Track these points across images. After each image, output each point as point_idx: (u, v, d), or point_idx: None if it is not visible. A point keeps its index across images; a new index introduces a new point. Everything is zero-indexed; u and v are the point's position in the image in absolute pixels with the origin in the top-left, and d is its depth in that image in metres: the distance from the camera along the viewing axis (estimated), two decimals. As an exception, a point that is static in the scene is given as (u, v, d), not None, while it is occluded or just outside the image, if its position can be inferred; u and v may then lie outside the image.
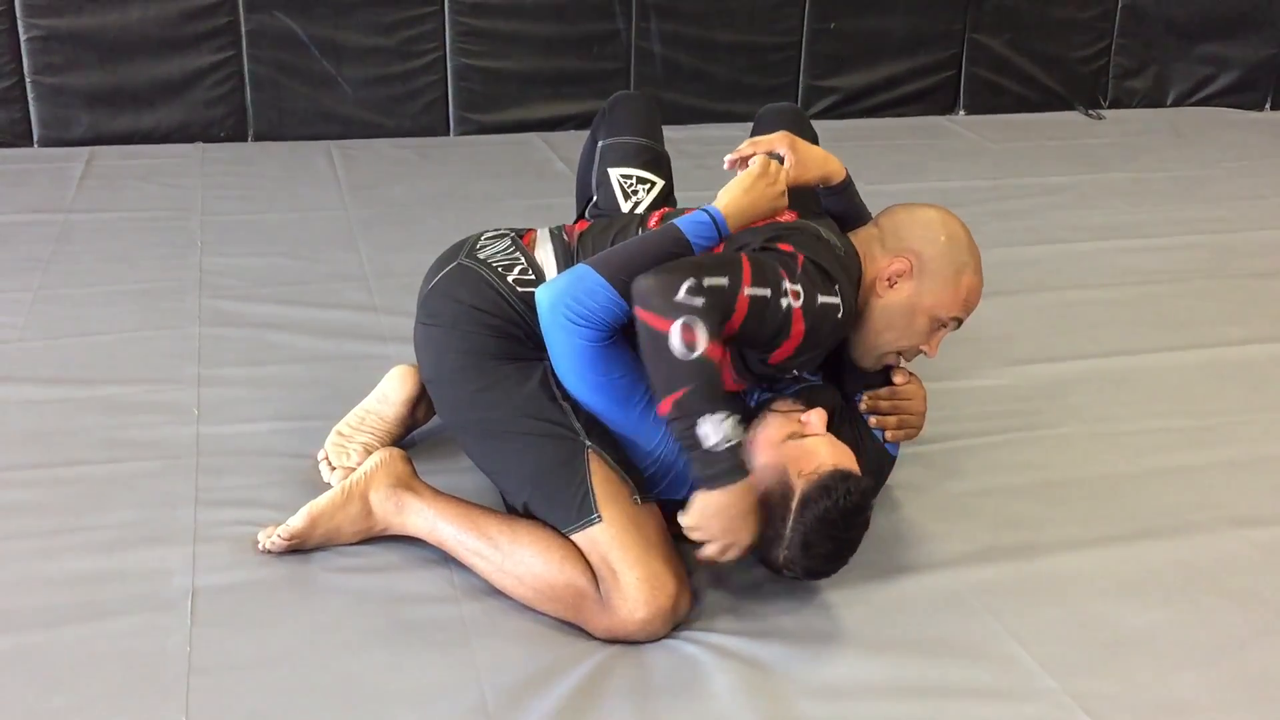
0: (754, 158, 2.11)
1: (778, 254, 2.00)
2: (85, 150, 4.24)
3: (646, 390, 2.01)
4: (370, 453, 2.23)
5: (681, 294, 1.83)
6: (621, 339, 1.98)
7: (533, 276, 2.10)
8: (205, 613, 1.91)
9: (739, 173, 2.10)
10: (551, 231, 2.23)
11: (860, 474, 1.91)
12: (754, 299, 1.89)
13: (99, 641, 1.84)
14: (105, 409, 2.51)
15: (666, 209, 2.29)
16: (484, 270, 2.11)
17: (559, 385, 2.03)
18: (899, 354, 2.14)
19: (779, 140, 2.18)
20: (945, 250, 2.08)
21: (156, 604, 1.93)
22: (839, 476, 1.85)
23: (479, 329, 2.05)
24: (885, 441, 2.18)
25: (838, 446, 1.94)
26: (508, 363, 2.04)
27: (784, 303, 1.92)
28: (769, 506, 1.88)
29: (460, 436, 2.13)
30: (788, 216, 2.15)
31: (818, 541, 1.85)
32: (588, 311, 1.92)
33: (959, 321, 2.12)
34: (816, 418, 1.97)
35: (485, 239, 2.21)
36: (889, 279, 2.08)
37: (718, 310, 1.85)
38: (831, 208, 2.29)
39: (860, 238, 2.16)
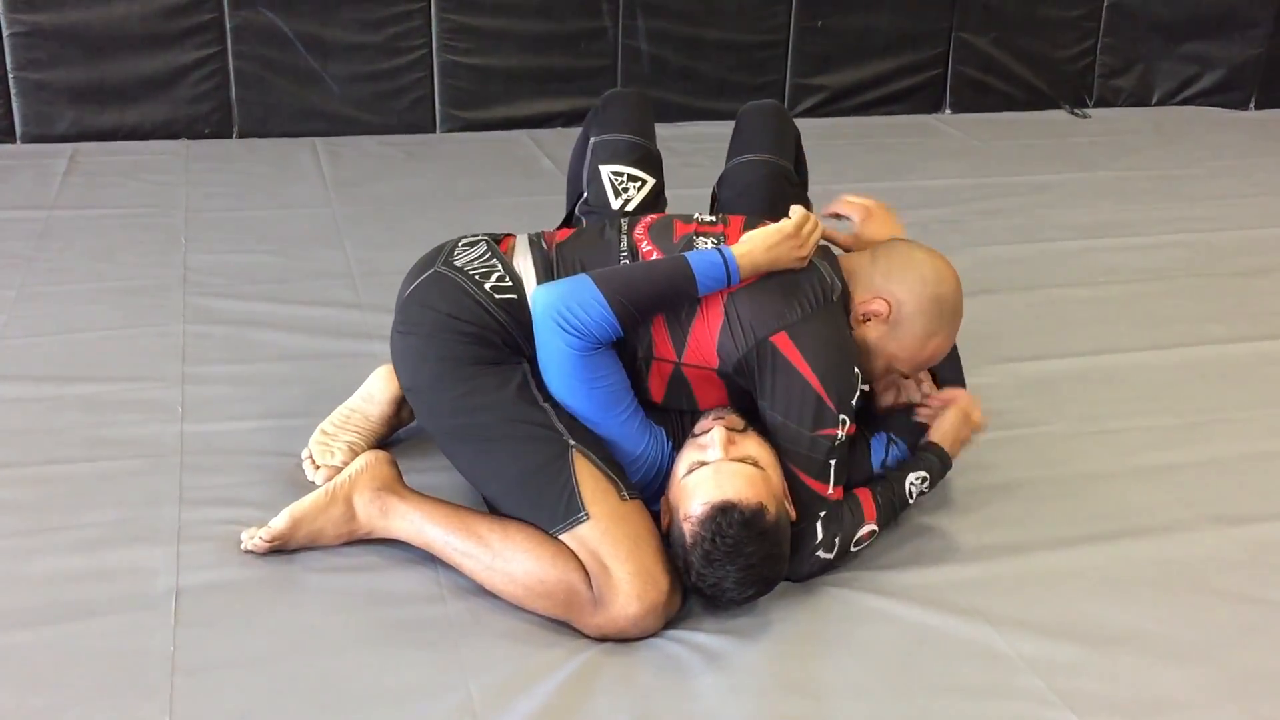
0: (794, 208, 2.03)
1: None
2: (69, 147, 4.21)
3: (632, 398, 2.02)
4: (355, 452, 2.22)
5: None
6: (607, 351, 1.99)
7: (510, 284, 2.09)
8: (189, 612, 1.90)
9: (767, 225, 2.04)
10: (530, 239, 2.22)
11: (749, 497, 1.83)
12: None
13: (82, 641, 1.83)
14: (88, 407, 2.50)
15: (654, 216, 2.26)
16: (460, 278, 2.10)
17: (540, 387, 2.03)
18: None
19: (862, 210, 2.30)
20: (926, 309, 2.04)
21: (140, 603, 1.92)
22: (713, 514, 1.83)
23: (456, 337, 2.04)
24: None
25: (722, 474, 1.87)
26: (487, 367, 2.03)
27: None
28: (675, 548, 1.89)
29: (443, 443, 2.12)
30: None
31: (720, 576, 1.85)
32: (579, 323, 1.93)
33: (906, 376, 2.17)
34: (716, 439, 1.91)
35: (461, 245, 2.19)
36: (863, 315, 2.05)
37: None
38: None
39: (856, 263, 2.11)
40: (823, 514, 1.97)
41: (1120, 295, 3.31)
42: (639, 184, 2.46)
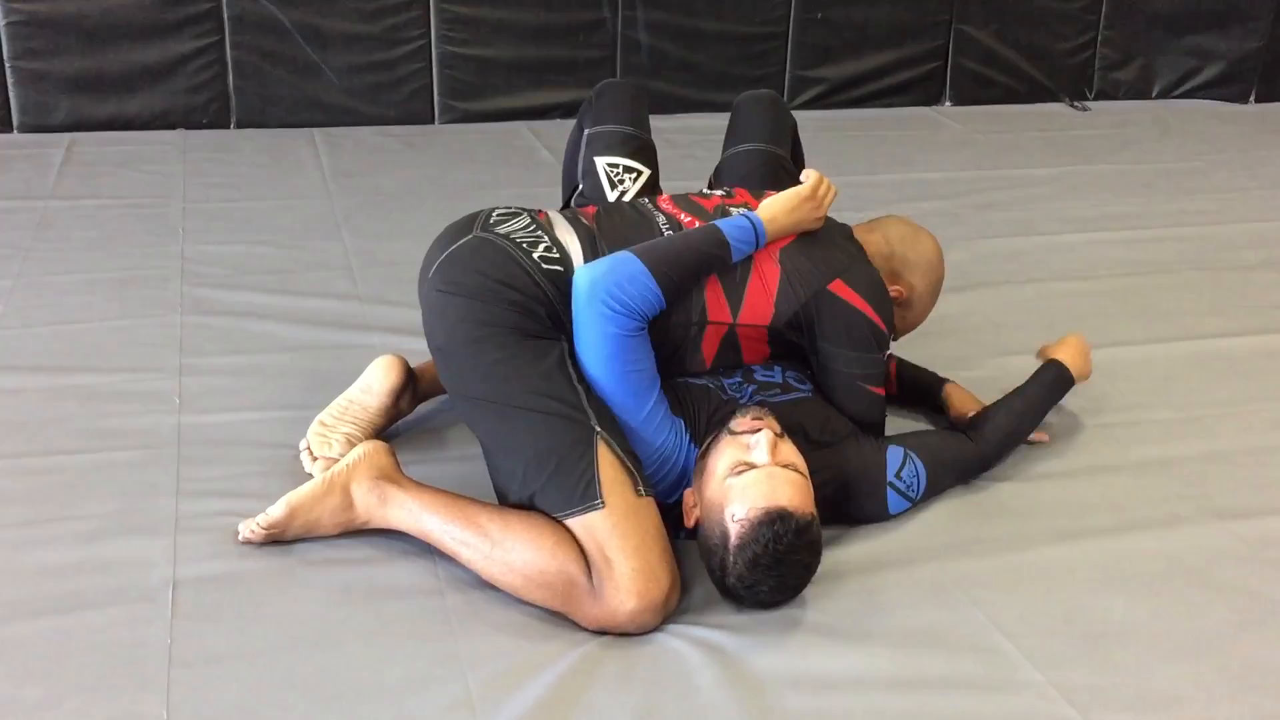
0: (806, 172, 2.23)
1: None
2: (66, 137, 4.20)
3: (659, 389, 2.03)
4: (352, 443, 2.22)
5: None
6: (647, 335, 2.01)
7: (558, 255, 2.09)
8: (186, 604, 1.90)
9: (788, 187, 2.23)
10: (565, 215, 2.22)
11: (801, 506, 1.85)
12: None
13: (79, 633, 1.83)
14: (85, 398, 2.49)
15: (670, 194, 2.31)
16: (507, 244, 2.08)
17: (575, 367, 2.01)
18: None
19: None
20: (932, 289, 2.35)
21: (136, 595, 1.91)
22: (769, 520, 1.82)
23: (501, 303, 2.02)
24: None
25: (776, 480, 1.86)
26: (526, 339, 2.01)
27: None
28: (711, 545, 1.88)
29: (464, 408, 2.10)
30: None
31: (758, 580, 1.85)
32: (627, 298, 1.96)
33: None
34: (764, 441, 1.90)
35: (499, 215, 2.18)
36: None
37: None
38: None
39: (870, 244, 2.29)
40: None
41: (1120, 288, 3.31)
42: (634, 175, 2.45)
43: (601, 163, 2.47)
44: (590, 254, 2.09)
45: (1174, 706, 1.78)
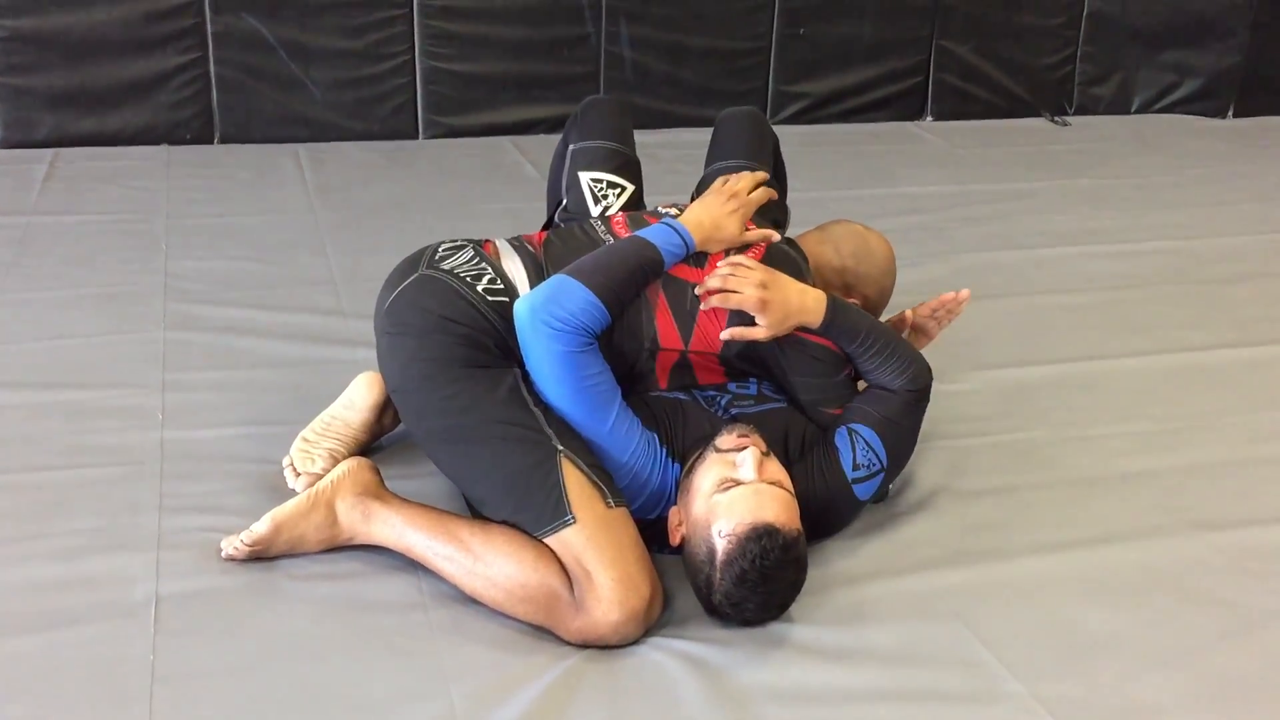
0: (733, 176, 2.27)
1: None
2: (49, 152, 4.19)
3: (621, 401, 2.02)
4: (336, 459, 2.22)
5: None
6: (597, 349, 2.00)
7: (502, 286, 2.11)
8: (169, 620, 1.89)
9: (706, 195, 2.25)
10: (512, 243, 2.23)
11: (787, 523, 1.85)
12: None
13: (60, 650, 1.82)
14: (68, 414, 2.49)
15: (625, 213, 2.32)
16: (451, 280, 2.11)
17: (530, 392, 2.03)
18: None
19: (751, 305, 2.08)
20: (885, 291, 2.39)
21: (119, 611, 1.91)
22: (756, 536, 1.82)
23: (449, 338, 2.04)
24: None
25: (763, 496, 1.86)
26: (478, 370, 2.03)
27: None
28: (697, 562, 1.88)
29: (427, 446, 2.11)
30: (753, 232, 2.23)
31: (745, 597, 1.85)
32: (567, 314, 1.96)
33: None
34: (749, 459, 1.90)
35: (444, 250, 2.20)
36: None
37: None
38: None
39: (819, 255, 2.32)
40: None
41: (1100, 302, 3.33)
42: (618, 190, 2.47)
43: (585, 178, 2.48)
44: (536, 281, 2.12)
45: (1155, 717, 1.80)
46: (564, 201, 2.53)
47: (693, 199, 2.57)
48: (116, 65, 4.28)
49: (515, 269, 2.15)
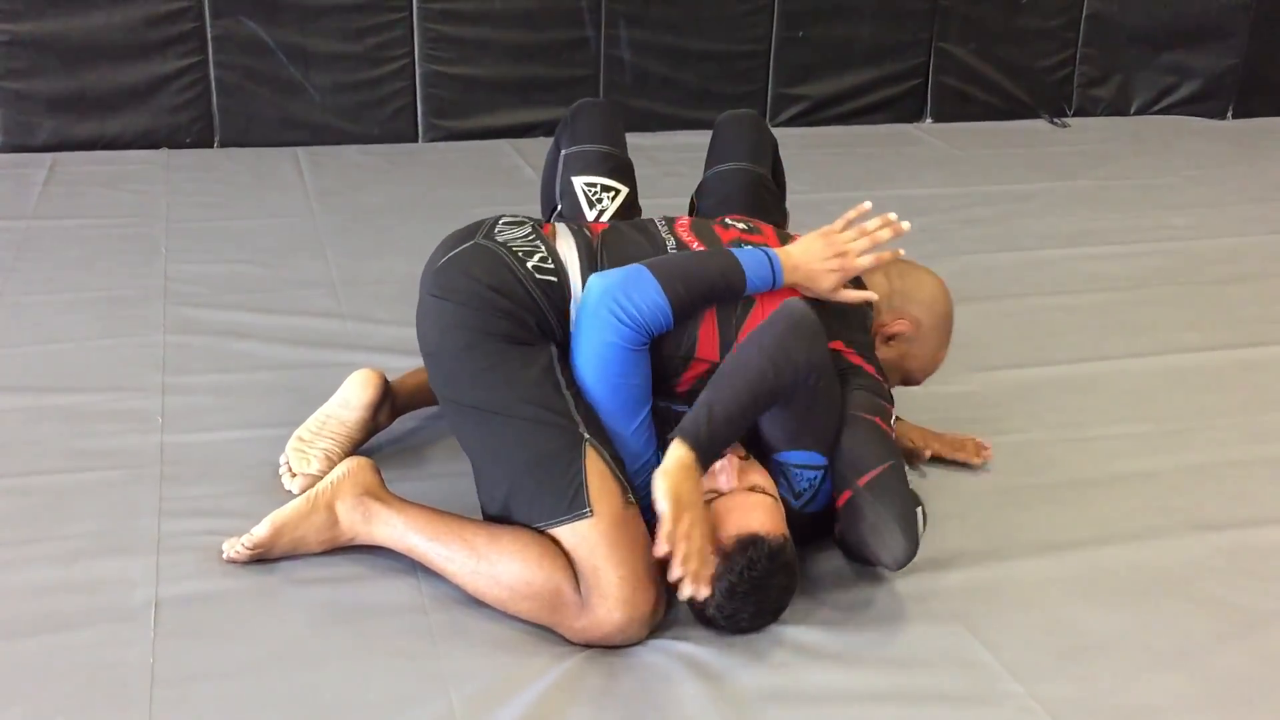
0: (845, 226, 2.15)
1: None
2: (48, 156, 4.19)
3: (650, 410, 2.01)
4: (331, 459, 2.22)
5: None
6: (647, 352, 1.99)
7: (552, 266, 2.07)
8: (168, 624, 1.89)
9: (818, 231, 2.14)
10: (571, 227, 2.20)
11: (772, 529, 1.85)
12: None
13: (60, 653, 1.82)
14: (67, 417, 2.49)
15: (688, 218, 2.25)
16: (503, 253, 2.07)
17: (564, 374, 2.00)
18: None
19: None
20: (939, 325, 2.27)
21: (119, 615, 1.91)
22: (741, 547, 1.82)
23: (491, 310, 2.01)
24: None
25: (745, 506, 1.88)
26: (516, 346, 2.01)
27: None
28: None
29: (452, 415, 2.09)
30: (850, 294, 2.16)
31: (738, 609, 1.86)
32: (635, 309, 1.94)
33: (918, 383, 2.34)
34: (727, 467, 1.91)
35: (503, 223, 2.17)
36: (888, 335, 2.22)
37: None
38: None
39: (874, 286, 2.22)
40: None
41: (1099, 303, 3.33)
42: (612, 194, 2.47)
43: (579, 182, 2.48)
44: (588, 267, 2.08)
45: (1154, 717, 1.80)
46: (559, 206, 2.53)
47: (692, 201, 2.59)
48: (116, 69, 4.28)
49: (568, 251, 2.12)
